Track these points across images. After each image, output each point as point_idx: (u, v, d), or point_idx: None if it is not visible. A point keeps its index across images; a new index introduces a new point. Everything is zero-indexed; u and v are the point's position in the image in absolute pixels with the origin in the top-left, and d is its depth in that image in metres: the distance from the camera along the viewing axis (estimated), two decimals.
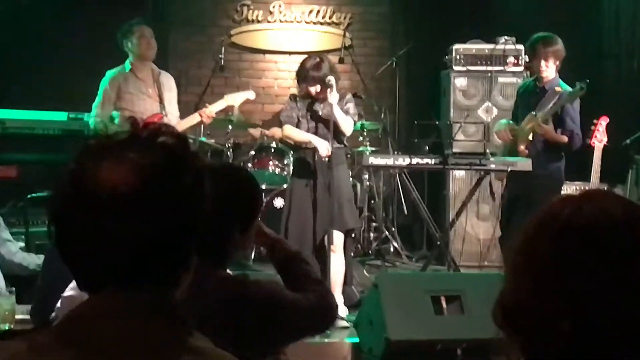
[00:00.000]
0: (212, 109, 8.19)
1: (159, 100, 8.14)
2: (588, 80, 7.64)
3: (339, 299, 7.41)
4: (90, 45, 10.45)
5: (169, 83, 8.31)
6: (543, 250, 1.65)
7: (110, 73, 8.23)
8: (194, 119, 8.20)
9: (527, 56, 8.53)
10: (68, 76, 10.19)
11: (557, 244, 1.63)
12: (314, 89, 7.49)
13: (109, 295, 1.67)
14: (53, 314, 3.91)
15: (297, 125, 7.56)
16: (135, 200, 1.63)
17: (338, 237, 7.47)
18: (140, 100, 8.13)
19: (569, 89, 7.83)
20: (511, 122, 8.19)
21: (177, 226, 1.68)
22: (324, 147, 7.36)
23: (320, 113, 7.53)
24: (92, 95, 8.27)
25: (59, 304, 3.90)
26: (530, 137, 7.90)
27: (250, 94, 8.57)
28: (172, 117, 8.18)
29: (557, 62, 7.91)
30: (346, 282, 7.66)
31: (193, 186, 1.71)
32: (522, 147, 7.95)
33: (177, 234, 1.68)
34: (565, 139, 7.77)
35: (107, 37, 9.44)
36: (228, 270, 3.16)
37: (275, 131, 9.68)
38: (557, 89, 7.81)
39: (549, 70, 7.88)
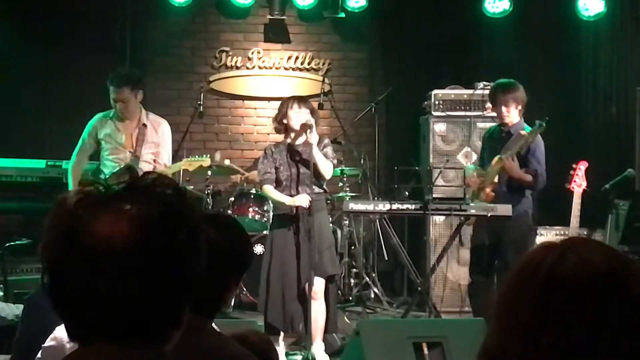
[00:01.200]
0: (167, 172, 8.06)
1: (132, 152, 8.05)
2: (547, 118, 7.70)
3: (320, 346, 7.37)
4: (69, 92, 10.46)
5: (156, 131, 8.16)
6: (526, 299, 1.64)
7: (95, 118, 8.14)
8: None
9: (490, 102, 8.57)
10: (46, 123, 10.18)
11: (540, 293, 1.63)
12: (299, 123, 7.44)
13: (99, 350, 1.64)
14: None
15: (277, 174, 7.53)
16: (130, 256, 1.61)
17: (319, 283, 7.43)
18: (113, 148, 8.05)
19: (534, 132, 7.90)
20: (478, 167, 8.27)
21: (172, 283, 1.66)
22: (304, 200, 7.34)
23: (298, 158, 7.51)
24: (70, 143, 8.23)
25: (39, 355, 3.84)
26: (496, 180, 7.95)
27: (205, 162, 8.45)
28: (157, 166, 8.10)
29: (519, 107, 7.98)
30: (328, 330, 7.61)
31: (189, 242, 1.69)
32: (487, 190, 8.00)
33: (171, 291, 1.66)
34: (529, 177, 7.83)
35: (86, 84, 9.47)
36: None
37: (256, 175, 9.73)
38: (522, 132, 7.88)
39: (511, 115, 7.97)
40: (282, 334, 7.51)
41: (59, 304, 1.67)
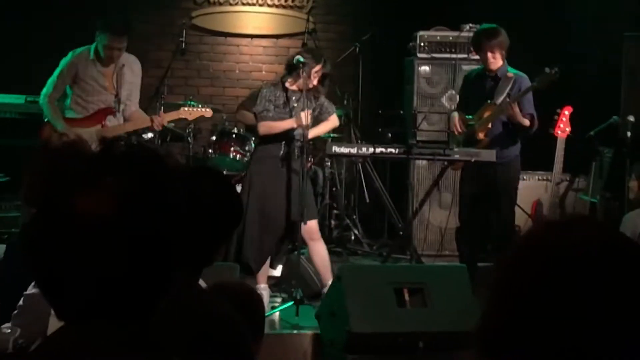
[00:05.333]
0: (165, 119, 8.00)
1: (115, 94, 7.93)
2: (559, 65, 7.67)
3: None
4: (48, 27, 10.31)
5: (132, 72, 8.06)
6: (526, 279, 1.60)
7: (73, 53, 7.95)
8: (143, 122, 8.00)
9: (473, 48, 8.53)
10: (26, 58, 10.03)
11: (540, 273, 1.59)
12: (312, 84, 7.54)
13: (87, 326, 1.60)
14: (15, 312, 3.83)
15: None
16: (113, 230, 1.56)
17: (313, 224, 7.55)
18: (94, 90, 7.90)
19: (520, 73, 7.96)
20: (460, 112, 8.24)
21: (154, 257, 1.60)
22: (304, 117, 7.37)
23: (296, 105, 7.57)
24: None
25: (21, 302, 3.81)
26: (490, 125, 7.92)
27: (207, 113, 8.36)
28: (130, 106, 8.02)
29: (503, 52, 7.96)
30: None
31: (171, 210, 1.63)
32: (481, 135, 7.95)
33: (154, 264, 1.61)
34: (527, 121, 7.79)
35: (66, 19, 9.32)
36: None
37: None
38: (509, 74, 7.89)
39: (497, 60, 7.93)
40: (264, 278, 7.54)
41: (43, 283, 1.63)
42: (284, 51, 11.41)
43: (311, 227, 7.52)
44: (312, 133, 7.63)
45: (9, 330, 3.79)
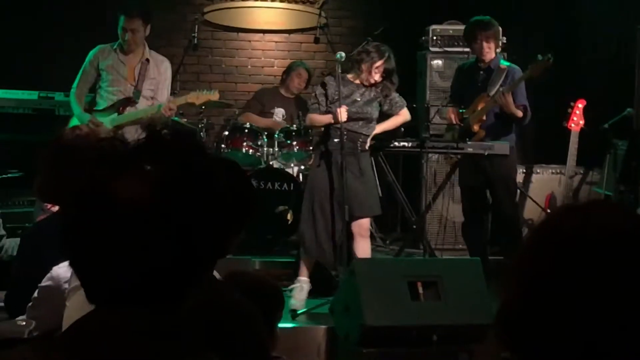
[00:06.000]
0: (174, 103, 8.05)
1: (134, 84, 8.00)
2: (552, 53, 7.66)
3: None
4: (63, 23, 10.31)
5: (157, 68, 8.15)
6: (545, 260, 1.59)
7: (97, 48, 8.11)
8: (152, 109, 8.03)
9: (465, 39, 8.55)
10: (38, 54, 10.04)
11: (560, 255, 1.57)
12: (374, 79, 7.50)
13: (119, 312, 1.61)
14: (30, 304, 3.83)
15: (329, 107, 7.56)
16: (152, 216, 1.57)
17: (365, 221, 7.53)
18: (114, 80, 8.00)
19: (513, 65, 8.02)
20: (452, 105, 8.29)
21: (194, 246, 1.61)
22: (343, 113, 7.33)
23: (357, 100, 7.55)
24: (63, 75, 8.15)
25: (35, 294, 3.81)
26: (484, 117, 7.94)
27: (213, 95, 8.38)
28: (155, 103, 8.06)
29: (497, 42, 8.09)
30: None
31: (212, 199, 1.65)
32: (476, 127, 7.97)
33: (193, 253, 1.62)
34: (520, 112, 7.80)
35: (78, 15, 9.33)
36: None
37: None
38: (502, 66, 7.96)
39: (491, 51, 7.99)
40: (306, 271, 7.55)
41: (79, 267, 1.63)
42: (296, 46, 11.41)
43: (361, 223, 7.48)
44: (380, 128, 7.65)
45: (24, 323, 3.79)
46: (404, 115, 7.78)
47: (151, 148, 1.62)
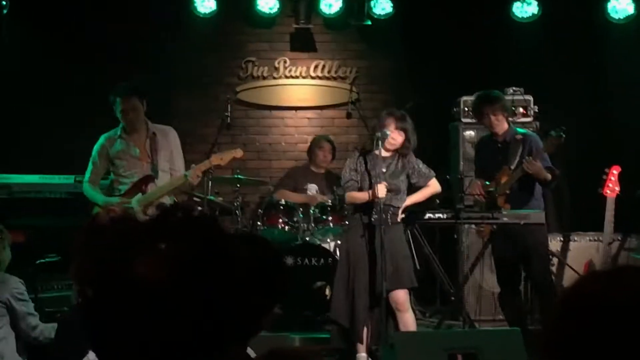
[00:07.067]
0: (198, 169, 8.00)
1: (150, 161, 8.04)
2: (564, 128, 7.64)
3: None
4: (95, 107, 10.43)
5: (166, 139, 8.17)
6: (573, 327, 1.58)
7: (102, 138, 8.21)
8: (178, 179, 8.04)
9: (474, 115, 8.61)
10: (73, 138, 10.15)
11: (588, 322, 1.56)
12: (394, 141, 7.51)
13: None
14: None
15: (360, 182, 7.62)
16: (169, 295, 1.57)
17: (402, 294, 7.52)
18: (128, 164, 8.06)
19: (528, 132, 8.16)
20: (478, 179, 8.31)
21: (212, 320, 1.61)
22: (381, 190, 7.36)
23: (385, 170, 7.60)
24: None
25: None
26: (508, 191, 7.92)
27: (237, 152, 8.37)
28: (174, 173, 8.08)
29: (506, 114, 8.12)
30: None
31: (228, 278, 1.64)
32: (501, 202, 7.99)
33: (210, 331, 1.61)
34: (549, 175, 7.78)
35: (108, 97, 9.40)
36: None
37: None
38: (518, 136, 7.94)
39: (501, 122, 8.00)
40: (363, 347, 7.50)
41: (97, 341, 1.64)
42: (329, 122, 11.48)
43: (398, 297, 7.48)
44: (410, 200, 7.68)
45: None
46: (433, 186, 7.79)
47: (163, 226, 1.63)
